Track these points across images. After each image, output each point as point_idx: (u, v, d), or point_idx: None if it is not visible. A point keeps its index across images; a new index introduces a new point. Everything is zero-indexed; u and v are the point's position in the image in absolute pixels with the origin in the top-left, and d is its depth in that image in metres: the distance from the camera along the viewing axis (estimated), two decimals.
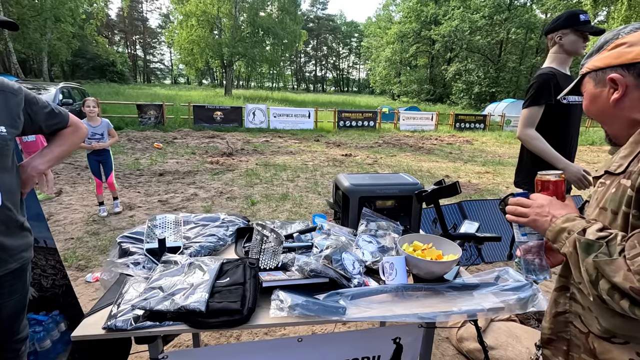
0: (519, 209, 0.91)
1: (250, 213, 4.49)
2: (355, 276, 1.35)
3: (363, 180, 1.73)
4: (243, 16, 27.52)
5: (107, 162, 4.26)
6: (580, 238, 0.72)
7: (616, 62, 0.78)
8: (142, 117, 11.94)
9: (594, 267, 0.68)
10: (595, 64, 0.84)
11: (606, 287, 0.67)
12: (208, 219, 1.78)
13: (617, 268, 0.65)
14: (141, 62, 59.29)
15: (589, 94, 0.87)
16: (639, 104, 0.77)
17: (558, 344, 0.92)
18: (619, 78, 0.78)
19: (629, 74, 0.77)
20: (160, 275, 1.24)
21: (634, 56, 0.76)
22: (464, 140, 12.93)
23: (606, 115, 0.85)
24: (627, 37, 0.79)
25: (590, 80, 0.86)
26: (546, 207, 0.85)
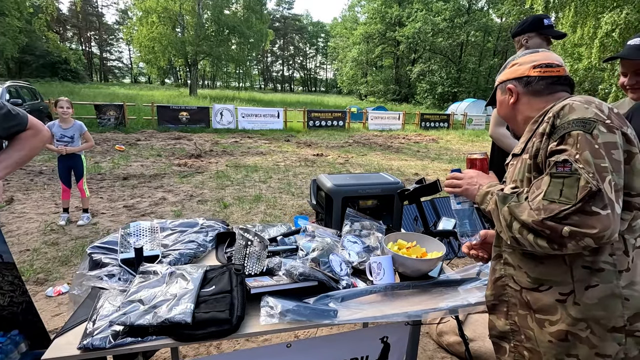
0: (454, 182, 1.12)
1: (223, 216, 4.37)
2: (343, 277, 1.34)
3: (345, 181, 1.72)
4: (207, 14, 26.76)
5: (77, 167, 3.97)
6: (499, 193, 0.93)
7: (511, 76, 1.06)
8: (101, 118, 11.29)
9: (509, 212, 0.87)
10: (500, 78, 1.12)
11: (517, 227, 0.85)
12: (186, 225, 1.70)
13: (523, 209, 0.84)
14: (97, 59, 56.00)
15: (498, 101, 1.13)
16: (527, 106, 1.03)
17: (500, 307, 1.05)
18: (513, 87, 1.05)
19: (519, 84, 1.04)
20: (139, 287, 1.16)
21: (522, 72, 1.04)
22: (430, 138, 13.36)
23: (509, 116, 1.10)
24: (519, 59, 1.07)
25: (499, 91, 1.12)
26: (475, 178, 1.08)
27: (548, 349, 0.90)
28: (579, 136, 0.81)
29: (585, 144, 0.80)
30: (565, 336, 0.88)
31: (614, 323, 0.84)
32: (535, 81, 1.01)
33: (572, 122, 0.83)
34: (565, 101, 0.90)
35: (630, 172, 0.84)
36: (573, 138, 0.81)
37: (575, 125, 0.82)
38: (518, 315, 0.98)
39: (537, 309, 0.93)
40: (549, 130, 0.87)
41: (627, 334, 0.84)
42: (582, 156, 0.79)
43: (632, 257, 0.85)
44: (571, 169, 0.79)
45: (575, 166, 0.79)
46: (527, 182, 0.93)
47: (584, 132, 0.81)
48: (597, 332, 0.85)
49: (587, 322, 0.85)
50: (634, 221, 0.85)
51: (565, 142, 0.83)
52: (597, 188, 0.76)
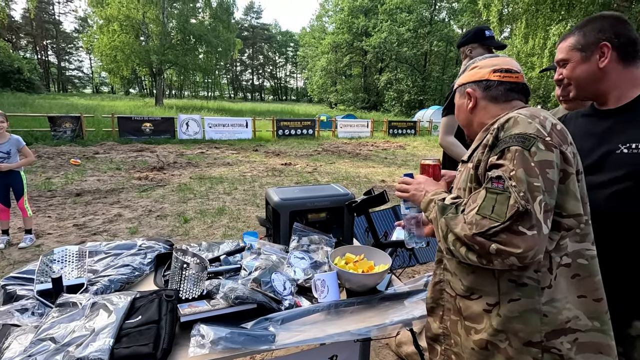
0: (403, 186, 1.12)
1: (182, 231, 4.19)
2: (286, 297, 1.28)
3: (293, 194, 1.67)
4: (172, 23, 26.20)
5: (16, 185, 3.65)
6: (439, 203, 0.93)
7: (471, 79, 1.04)
8: (56, 131, 10.65)
9: (445, 223, 0.87)
10: (460, 81, 1.09)
11: (452, 239, 0.85)
12: (122, 247, 1.58)
13: (458, 221, 0.84)
14: (55, 69, 53.25)
15: (457, 105, 1.10)
16: (484, 112, 1.01)
17: (436, 310, 1.06)
18: (472, 91, 1.03)
19: (478, 88, 1.01)
20: (54, 323, 1.05)
21: (481, 75, 1.01)
22: (397, 145, 13.64)
23: (466, 121, 1.07)
24: (480, 62, 1.05)
25: (458, 94, 1.09)
26: (422, 184, 1.07)
27: (470, 356, 0.93)
28: (516, 152, 0.80)
29: (521, 160, 0.79)
30: (485, 345, 0.89)
31: (531, 337, 0.84)
32: (494, 86, 0.99)
33: (513, 137, 0.83)
34: (512, 113, 0.90)
35: (564, 192, 0.83)
36: (511, 154, 0.81)
37: (515, 140, 0.82)
38: (450, 320, 1.00)
39: (467, 316, 0.94)
40: (491, 142, 0.87)
41: (544, 349, 0.84)
42: (517, 173, 0.78)
43: (555, 275, 0.85)
44: (504, 186, 0.79)
45: (508, 184, 0.78)
46: (468, 191, 0.93)
47: (522, 149, 0.80)
48: (515, 344, 0.85)
49: (507, 333, 0.86)
50: (562, 240, 0.85)
51: (504, 156, 0.82)
52: (524, 208, 0.75)
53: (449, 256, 0.93)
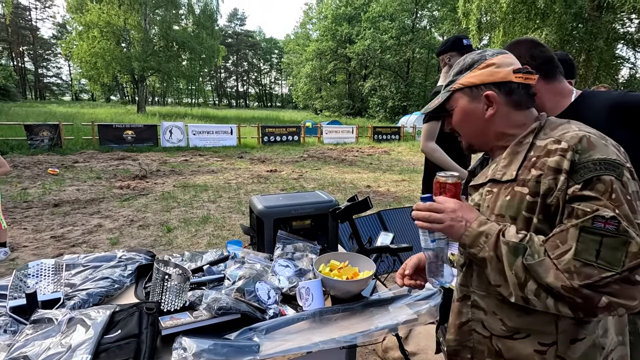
0: (433, 215, 0.84)
1: (166, 241, 4.11)
2: (270, 306, 1.27)
3: (277, 202, 1.67)
4: (155, 29, 25.92)
5: None
6: (509, 242, 0.74)
7: (489, 80, 0.86)
8: (33, 140, 10.33)
9: (524, 269, 0.72)
10: (470, 81, 0.89)
11: (534, 288, 0.71)
12: (101, 259, 1.54)
13: (546, 268, 0.69)
14: (32, 76, 51.78)
15: (462, 110, 0.91)
16: (505, 120, 0.87)
17: (463, 353, 0.93)
18: (493, 95, 0.85)
19: (500, 92, 0.86)
20: (28, 340, 1.01)
21: (503, 76, 0.85)
22: (382, 151, 13.79)
23: (479, 129, 0.91)
24: (494, 59, 0.88)
25: (463, 96, 0.91)
26: (459, 212, 0.83)
27: None
28: (613, 184, 0.68)
29: (620, 195, 0.67)
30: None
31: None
32: (517, 89, 0.85)
33: (599, 163, 0.69)
34: (575, 131, 0.76)
35: None
36: (605, 185, 0.68)
37: (604, 167, 0.69)
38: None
39: (510, 358, 0.83)
40: (567, 167, 0.71)
41: None
42: (622, 211, 0.66)
43: None
44: (618, 229, 0.65)
45: (624, 226, 0.65)
46: (523, 222, 0.78)
47: (616, 179, 0.68)
48: None
49: None
50: None
51: (593, 188, 0.68)
52: None
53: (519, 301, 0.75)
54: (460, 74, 0.92)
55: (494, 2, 14.08)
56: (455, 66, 0.94)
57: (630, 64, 18.64)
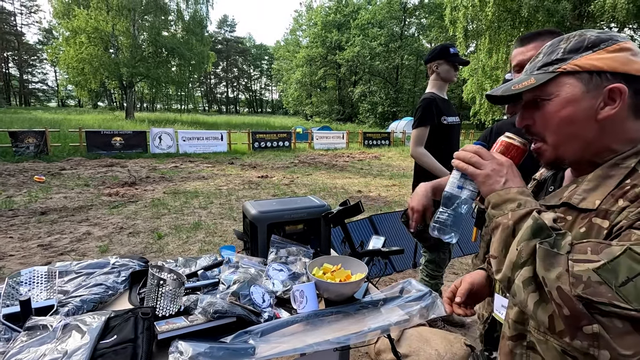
0: (476, 158, 0.72)
1: (157, 248, 4.07)
2: (265, 310, 1.29)
3: (270, 207, 1.69)
4: (143, 35, 25.79)
5: None
6: (538, 218, 0.61)
7: (623, 69, 0.63)
8: (18, 147, 10.14)
9: (531, 252, 0.60)
10: (594, 64, 0.64)
11: (527, 276, 0.59)
12: (94, 266, 1.54)
13: (557, 263, 0.57)
14: (16, 82, 50.82)
15: (568, 100, 0.67)
16: (619, 127, 0.66)
17: None
18: (622, 89, 0.63)
19: (629, 88, 0.63)
20: (22, 347, 1.01)
21: (638, 68, 0.64)
22: (372, 156, 13.91)
23: (580, 132, 0.68)
24: (628, 43, 0.65)
25: (575, 83, 0.66)
26: (505, 169, 0.70)
27: None
28: None
29: None
30: None
31: None
32: None
33: None
34: None
35: None
36: None
37: None
38: None
39: None
40: None
41: None
42: None
43: None
44: None
45: None
46: None
47: None
48: None
49: None
50: None
51: None
52: None
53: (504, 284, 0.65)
54: (576, 53, 0.66)
55: (480, 11, 14.47)
56: (563, 42, 0.69)
57: None
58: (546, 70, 0.69)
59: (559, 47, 0.69)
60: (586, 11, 14.26)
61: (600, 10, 13.05)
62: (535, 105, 0.72)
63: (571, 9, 14.58)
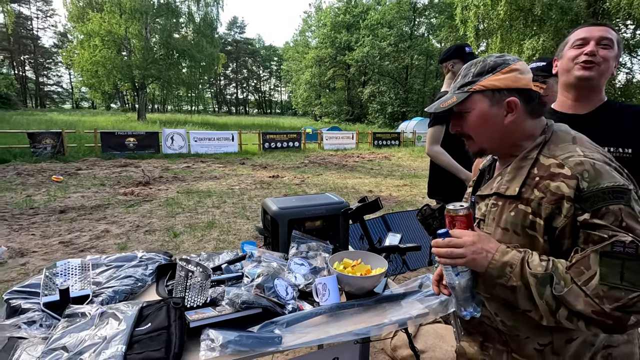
0: (455, 251, 0.86)
1: (173, 246, 4.16)
2: (289, 302, 1.33)
3: (290, 203, 1.73)
4: (155, 37, 26.20)
5: None
6: (537, 274, 0.76)
7: (514, 85, 0.87)
8: (36, 147, 10.41)
9: (553, 298, 0.75)
10: (494, 84, 0.88)
11: (565, 314, 0.74)
12: (122, 259, 1.60)
13: (576, 296, 0.73)
14: (33, 84, 52.05)
15: (481, 113, 0.90)
16: (520, 129, 0.89)
17: (475, 336, 1.02)
18: (515, 102, 0.86)
19: (521, 99, 0.87)
20: (64, 333, 1.07)
21: (526, 83, 0.88)
22: (382, 156, 13.89)
23: (497, 135, 0.91)
24: (517, 64, 0.88)
25: (483, 99, 0.89)
26: (478, 244, 0.84)
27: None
28: (622, 212, 0.72)
29: (630, 220, 0.72)
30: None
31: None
32: (535, 98, 0.88)
33: (608, 192, 0.73)
34: (580, 156, 0.79)
35: None
36: (615, 215, 0.72)
37: (612, 197, 0.73)
38: (495, 349, 0.97)
39: (515, 350, 0.92)
40: (572, 195, 0.76)
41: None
42: (637, 234, 0.71)
43: None
44: (637, 252, 0.69)
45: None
46: (526, 237, 0.84)
47: (625, 206, 0.73)
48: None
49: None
50: None
51: (603, 217, 0.73)
52: None
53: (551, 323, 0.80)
54: (481, 76, 0.90)
55: (491, 10, 14.33)
56: (472, 67, 0.92)
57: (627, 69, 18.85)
58: (462, 90, 0.92)
59: (469, 71, 0.93)
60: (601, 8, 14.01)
61: (615, 8, 12.81)
62: (461, 116, 0.95)
63: (585, 7, 14.35)
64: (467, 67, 0.95)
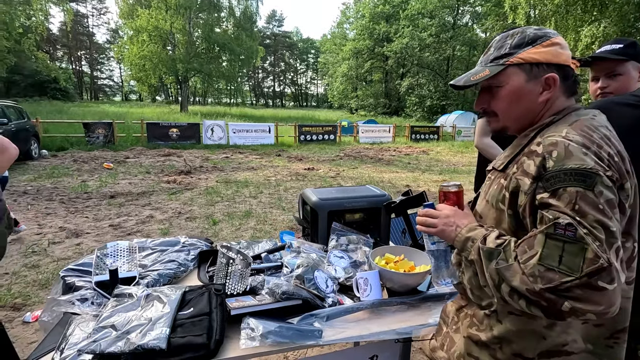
0: (428, 220, 0.95)
1: (212, 233, 4.29)
2: (329, 295, 1.29)
3: (330, 194, 1.69)
4: (197, 32, 27.07)
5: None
6: (483, 247, 0.78)
7: (555, 60, 0.81)
8: (90, 137, 11.18)
9: (496, 272, 0.75)
10: (534, 57, 0.81)
11: (507, 290, 0.73)
12: (166, 244, 1.65)
13: (514, 272, 0.72)
14: (88, 78, 55.94)
15: (515, 88, 0.84)
16: (554, 105, 0.84)
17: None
18: (555, 78, 0.81)
19: (559, 75, 0.82)
20: (113, 312, 1.10)
21: (565, 59, 0.82)
22: (420, 150, 13.48)
23: (525, 113, 0.86)
24: (557, 38, 0.83)
25: (520, 73, 0.83)
26: (451, 218, 0.91)
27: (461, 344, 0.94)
28: (578, 195, 0.68)
29: (588, 204, 0.67)
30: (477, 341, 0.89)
31: (524, 352, 0.82)
32: (572, 78, 0.84)
33: (570, 173, 0.69)
34: (560, 135, 0.75)
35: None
36: (570, 196, 0.68)
37: (573, 179, 0.69)
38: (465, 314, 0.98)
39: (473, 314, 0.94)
40: (536, 173, 0.73)
41: None
42: (587, 220, 0.66)
43: None
44: (576, 235, 0.66)
45: (581, 233, 0.66)
46: (499, 212, 0.84)
47: (584, 190, 0.68)
48: (505, 351, 0.84)
49: (502, 341, 0.85)
50: None
51: (559, 198, 0.69)
52: (607, 263, 0.64)
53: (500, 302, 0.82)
54: (519, 48, 0.83)
55: None
56: (509, 38, 0.85)
57: None
58: (497, 63, 0.85)
59: (506, 43, 0.85)
60: None
61: None
62: (490, 91, 0.89)
63: None
64: (501, 37, 0.87)
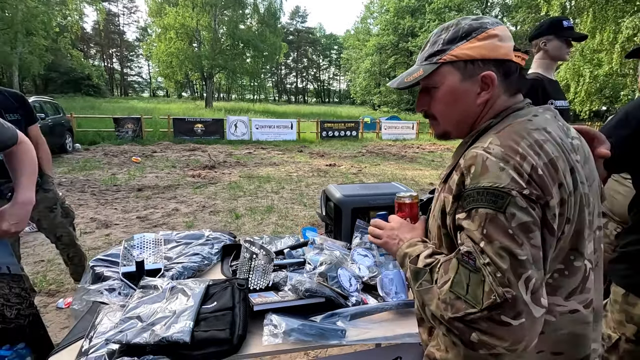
0: (375, 231, 0.91)
1: (234, 227, 4.34)
2: (352, 294, 1.26)
3: (355, 191, 1.65)
4: (222, 29, 27.50)
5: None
6: (411, 266, 0.73)
7: (491, 55, 0.70)
8: (119, 131, 11.60)
9: (419, 294, 0.69)
10: (467, 53, 0.70)
11: (429, 314, 0.67)
12: (191, 237, 1.66)
13: (432, 296, 0.66)
14: (118, 75, 58.15)
15: (450, 89, 0.73)
16: (494, 106, 0.73)
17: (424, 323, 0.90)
18: (493, 77, 0.69)
19: (498, 72, 0.70)
20: (139, 303, 1.11)
21: (505, 53, 0.70)
22: (444, 148, 13.16)
23: (463, 116, 0.75)
24: (497, 29, 0.71)
25: (453, 72, 0.72)
26: (396, 231, 0.87)
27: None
28: (488, 218, 0.60)
29: (494, 228, 0.59)
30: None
31: None
32: (515, 72, 0.73)
33: (483, 193, 0.61)
34: (479, 149, 0.65)
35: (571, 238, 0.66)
36: (480, 218, 0.60)
37: (484, 199, 0.60)
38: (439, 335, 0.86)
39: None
40: (456, 192, 0.66)
41: None
42: (493, 247, 0.58)
43: None
44: (475, 265, 0.59)
45: (479, 263, 0.59)
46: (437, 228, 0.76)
47: (494, 212, 0.59)
48: None
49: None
50: None
51: (472, 219, 0.62)
52: (503, 298, 0.57)
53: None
54: (452, 43, 0.72)
55: None
56: (444, 32, 0.74)
57: None
58: (430, 61, 0.75)
59: (439, 38, 0.75)
60: None
61: None
62: (428, 92, 0.78)
63: None
64: (437, 31, 0.77)
